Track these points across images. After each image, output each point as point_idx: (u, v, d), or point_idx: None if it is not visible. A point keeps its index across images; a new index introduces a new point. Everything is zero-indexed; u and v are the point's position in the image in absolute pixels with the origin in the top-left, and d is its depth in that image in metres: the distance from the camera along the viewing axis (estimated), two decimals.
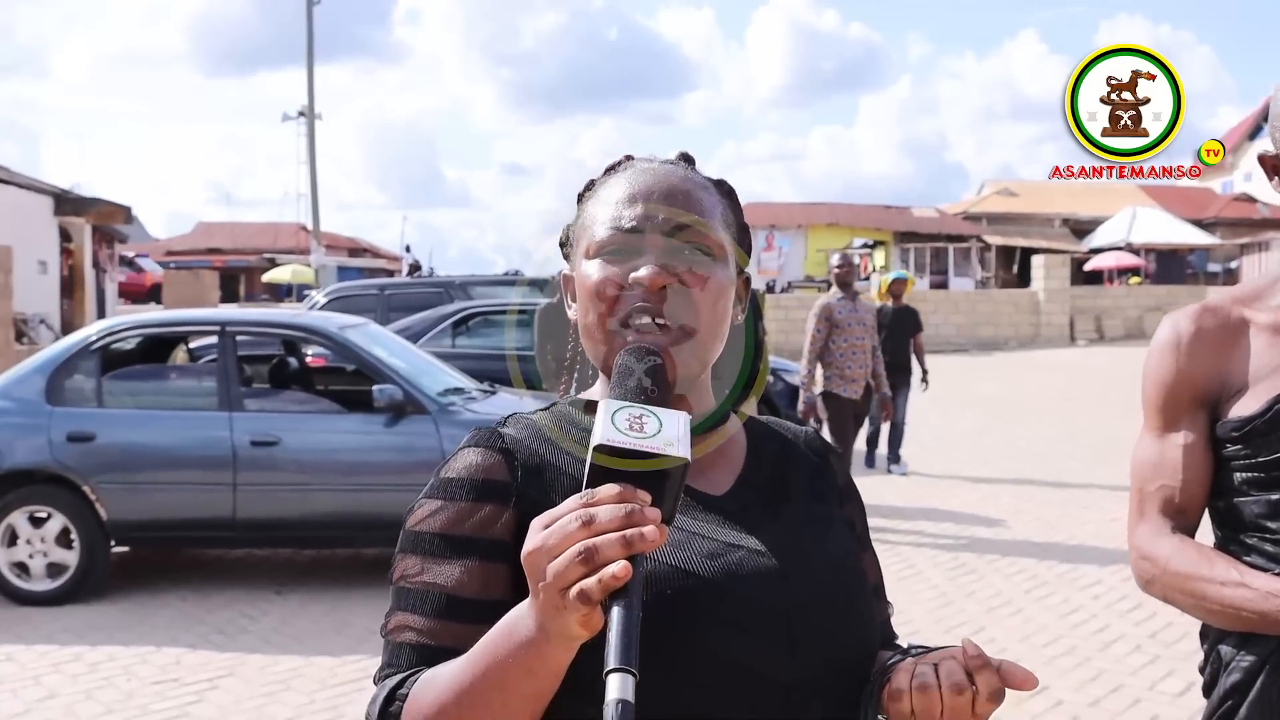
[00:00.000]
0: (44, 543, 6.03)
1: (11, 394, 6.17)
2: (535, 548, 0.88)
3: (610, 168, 1.24)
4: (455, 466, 1.13)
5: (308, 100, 29.04)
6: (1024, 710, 4.43)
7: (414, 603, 1.08)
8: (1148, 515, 1.68)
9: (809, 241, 36.18)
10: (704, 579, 1.06)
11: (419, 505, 1.13)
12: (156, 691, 4.74)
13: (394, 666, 1.07)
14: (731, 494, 1.17)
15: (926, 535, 7.43)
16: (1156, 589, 1.66)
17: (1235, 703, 1.60)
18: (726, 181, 1.25)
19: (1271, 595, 1.49)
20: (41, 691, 4.75)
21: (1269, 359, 1.60)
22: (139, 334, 6.87)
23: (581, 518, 0.86)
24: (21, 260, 17.00)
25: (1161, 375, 1.69)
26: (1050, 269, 25.40)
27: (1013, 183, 39.83)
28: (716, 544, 1.10)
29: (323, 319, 7.23)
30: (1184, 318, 1.70)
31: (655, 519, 0.86)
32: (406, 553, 1.11)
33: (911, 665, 1.02)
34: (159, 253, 41.74)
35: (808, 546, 1.15)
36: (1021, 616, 5.65)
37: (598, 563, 0.84)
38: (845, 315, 7.59)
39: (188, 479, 6.07)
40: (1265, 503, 1.58)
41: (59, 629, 5.58)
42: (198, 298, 20.28)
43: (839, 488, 1.28)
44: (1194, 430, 1.65)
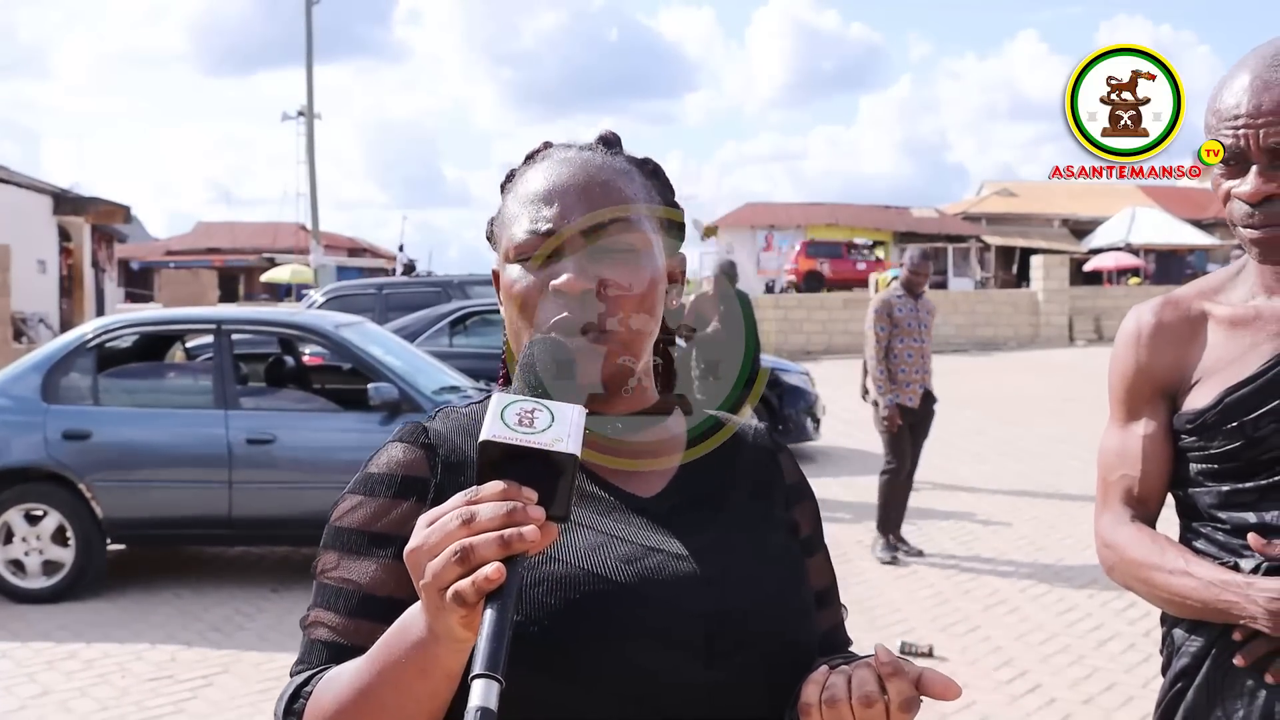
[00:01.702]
0: (40, 540, 6.03)
1: (8, 392, 6.18)
2: (416, 546, 0.86)
3: (529, 155, 1.19)
4: (379, 461, 1.12)
5: (307, 100, 29.03)
6: (1019, 707, 4.43)
7: (330, 599, 1.07)
8: (1110, 504, 1.72)
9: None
10: (617, 584, 1.03)
11: (342, 499, 1.11)
12: (151, 688, 4.75)
13: (306, 663, 1.06)
14: (663, 495, 1.13)
15: (924, 534, 7.43)
16: (1117, 576, 1.71)
17: (1184, 685, 1.65)
18: (651, 160, 1.21)
19: (1212, 585, 1.54)
20: (36, 688, 4.76)
21: (1224, 352, 1.63)
22: (135, 332, 6.88)
23: (462, 516, 0.84)
24: (20, 260, 17.02)
25: (1123, 367, 1.73)
26: (1049, 269, 25.38)
27: (1012, 183, 39.83)
28: (635, 548, 1.06)
29: (319, 317, 7.24)
30: (1146, 310, 1.73)
31: (538, 518, 0.84)
32: (328, 547, 1.10)
33: (823, 676, 0.97)
34: (158, 252, 41.77)
35: (740, 550, 1.10)
36: (1018, 615, 5.65)
37: (473, 563, 0.82)
38: (905, 314, 6.95)
39: (183, 477, 6.07)
40: (1216, 493, 1.62)
41: (55, 626, 5.59)
42: (197, 297, 20.32)
43: (786, 487, 1.22)
44: (1155, 421, 1.69)
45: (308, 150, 29.28)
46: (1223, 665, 1.59)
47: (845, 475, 9.75)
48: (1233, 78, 1.55)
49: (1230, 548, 1.59)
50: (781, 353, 18.93)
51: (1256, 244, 1.55)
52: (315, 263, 28.11)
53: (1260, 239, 1.54)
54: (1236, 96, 1.52)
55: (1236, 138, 1.52)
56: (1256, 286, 1.65)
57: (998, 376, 17.27)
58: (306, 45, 28.57)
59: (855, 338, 23.90)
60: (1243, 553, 1.57)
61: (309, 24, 28.41)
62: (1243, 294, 1.67)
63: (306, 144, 29.26)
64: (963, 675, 4.76)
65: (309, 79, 28.93)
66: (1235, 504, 1.60)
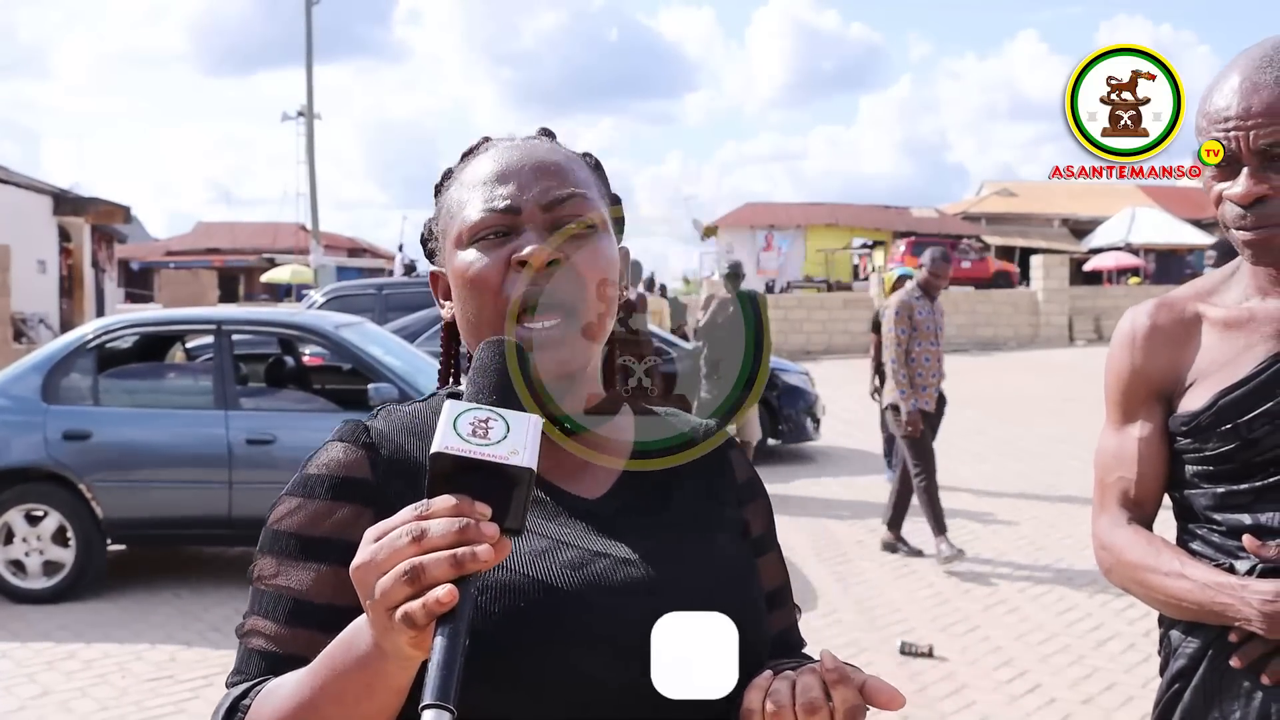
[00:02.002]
0: (40, 541, 6.03)
1: (8, 392, 6.18)
2: (364, 562, 0.82)
3: (467, 152, 1.16)
4: (318, 462, 1.07)
5: (307, 100, 29.03)
6: (1018, 707, 4.43)
7: (266, 606, 1.03)
8: (1107, 506, 1.73)
9: (808, 242, 36.18)
10: (563, 591, 0.99)
11: (280, 501, 1.07)
12: (151, 688, 4.75)
13: (243, 673, 1.02)
14: (608, 497, 1.10)
15: (924, 534, 7.43)
16: (1115, 578, 1.72)
17: (1181, 686, 1.65)
18: (591, 153, 1.18)
19: (1207, 587, 1.54)
20: (36, 689, 4.76)
21: (1218, 354, 1.64)
22: (135, 333, 6.88)
23: (412, 532, 0.80)
24: (20, 260, 17.02)
25: (1119, 370, 1.74)
26: (1049, 269, 25.39)
27: (1012, 183, 39.82)
28: (582, 552, 1.03)
29: (319, 318, 7.24)
30: (1141, 313, 1.74)
31: (492, 536, 0.80)
32: (264, 552, 1.05)
33: (767, 682, 0.94)
34: (158, 253, 41.74)
35: (688, 553, 1.07)
36: (1018, 615, 5.65)
37: (424, 583, 0.78)
38: (924, 317, 6.78)
39: (184, 477, 6.07)
40: (1212, 495, 1.63)
41: (55, 626, 5.59)
42: (197, 297, 20.32)
43: (737, 485, 1.19)
44: (1150, 423, 1.69)
45: (308, 150, 29.27)
46: (1219, 667, 1.59)
47: (845, 475, 9.76)
48: (1222, 80, 1.55)
49: (1226, 549, 1.60)
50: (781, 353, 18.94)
51: (1249, 245, 1.55)
52: (315, 263, 28.08)
53: (1252, 240, 1.54)
54: (1226, 98, 1.52)
55: (1227, 139, 1.52)
56: (1250, 288, 1.66)
57: (998, 376, 17.27)
58: (306, 45, 28.56)
59: (855, 338, 23.91)
60: (1238, 554, 1.57)
61: (309, 24, 28.41)
62: (1236, 295, 1.67)
63: (306, 144, 29.26)
64: (963, 675, 4.77)
65: (309, 79, 28.93)
66: (1231, 506, 1.61)
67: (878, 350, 8.94)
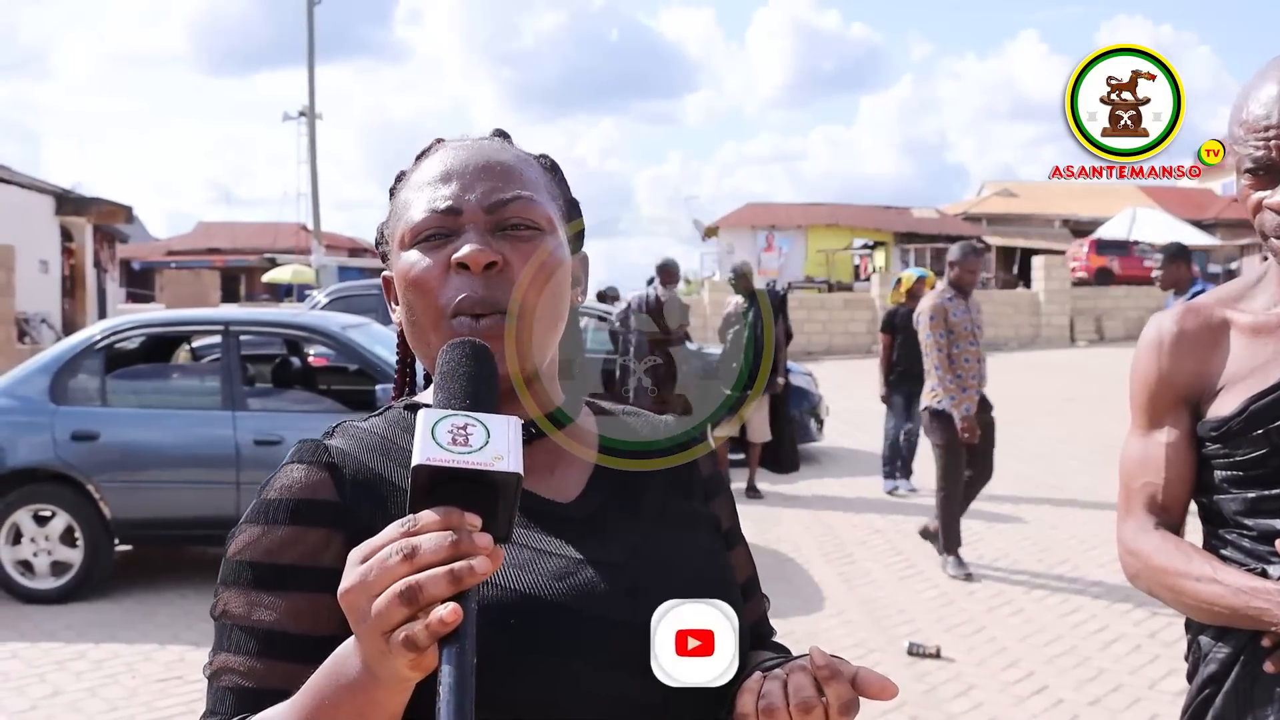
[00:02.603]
0: (48, 541, 6.05)
1: (16, 393, 6.20)
2: (353, 585, 0.79)
3: (420, 154, 1.14)
4: (276, 486, 1.01)
5: (309, 100, 29.05)
6: (1025, 708, 4.45)
7: (235, 642, 0.98)
8: (1134, 511, 1.72)
9: (809, 242, 36.18)
10: (553, 604, 0.97)
11: (239, 531, 1.01)
12: (160, 689, 4.77)
13: (218, 714, 0.97)
14: (581, 500, 1.07)
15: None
16: (1141, 583, 1.71)
17: (1212, 692, 1.64)
18: (548, 155, 1.16)
19: (1241, 592, 1.53)
20: (47, 688, 4.77)
21: (1247, 360, 1.64)
22: (143, 333, 6.88)
23: (403, 550, 0.77)
24: (23, 260, 17.02)
25: (1145, 375, 1.74)
26: (1050, 270, 25.41)
27: (1013, 183, 39.85)
28: (565, 561, 1.00)
29: (325, 319, 7.25)
30: (1167, 319, 1.74)
31: (486, 546, 0.78)
32: (227, 585, 1.00)
33: (758, 683, 0.92)
34: (159, 253, 41.74)
35: (667, 553, 1.06)
36: (1022, 616, 5.67)
37: (422, 602, 0.75)
38: (960, 318, 6.47)
39: (191, 478, 6.09)
40: (1243, 500, 1.62)
41: (62, 626, 5.60)
42: (199, 297, 20.32)
43: (704, 480, 1.18)
44: (1177, 429, 1.69)
45: (309, 150, 29.29)
46: (1251, 672, 1.58)
47: (847, 476, 9.77)
48: (1257, 88, 1.54)
49: (1257, 554, 1.59)
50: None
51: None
52: (317, 263, 28.11)
53: None
54: (1266, 107, 1.52)
55: (1268, 148, 1.51)
56: (1278, 294, 1.66)
57: (999, 377, 17.24)
58: (308, 46, 28.57)
59: (856, 339, 23.94)
60: (1270, 559, 1.57)
61: (310, 24, 28.42)
62: (1264, 302, 1.68)
63: (308, 144, 29.27)
64: (970, 676, 4.79)
65: (310, 79, 28.95)
66: (1262, 510, 1.60)
67: (887, 352, 8.88)
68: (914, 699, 4.50)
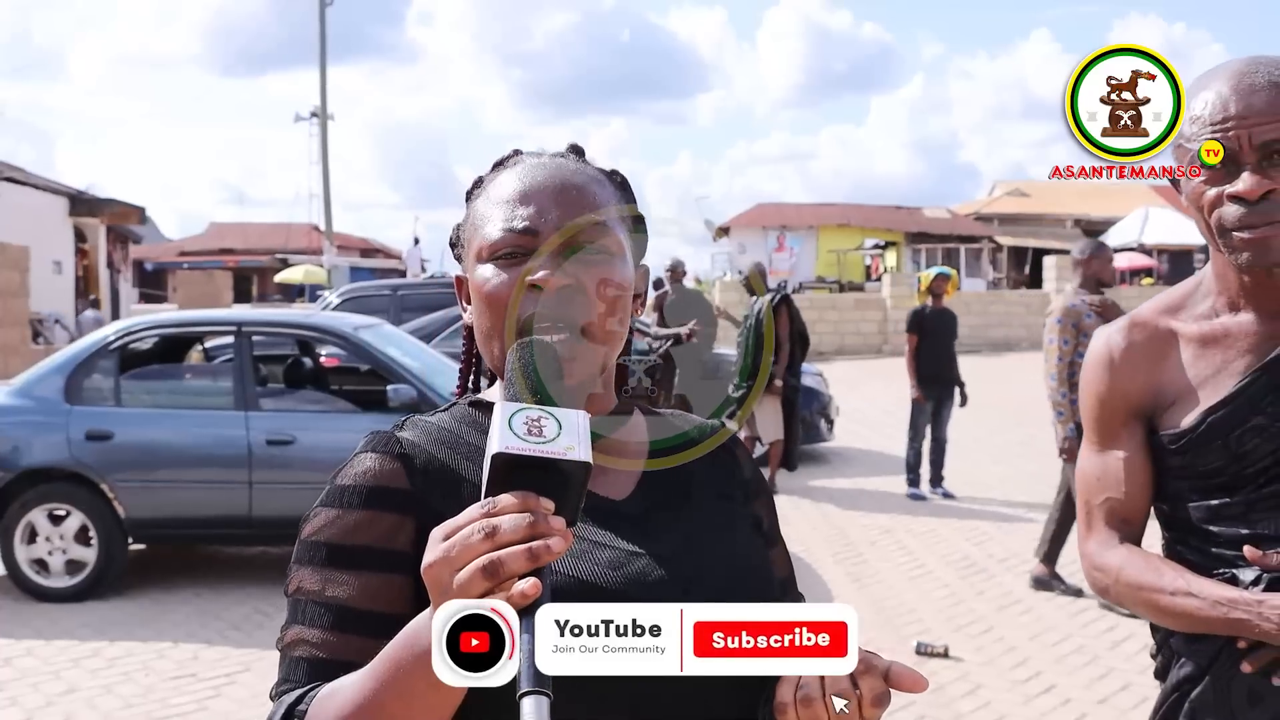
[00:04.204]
0: (63, 540, 6.10)
1: (31, 393, 6.25)
2: (437, 559, 0.85)
3: (498, 163, 1.20)
4: (350, 473, 1.09)
5: (320, 101, 29.12)
6: (1034, 707, 4.46)
7: (310, 615, 1.05)
8: (1095, 527, 1.74)
9: (820, 242, 36.16)
10: (607, 590, 1.02)
11: (314, 514, 1.09)
12: (175, 686, 4.81)
13: (291, 681, 1.03)
14: (633, 498, 1.13)
15: (938, 535, 7.46)
16: (1112, 596, 1.72)
17: (1184, 692, 1.66)
18: (619, 172, 1.22)
19: (1219, 604, 1.54)
20: (62, 686, 4.82)
21: (1198, 370, 1.66)
22: (156, 334, 6.94)
23: (484, 529, 0.84)
24: (36, 261, 17.12)
25: (1097, 390, 1.75)
26: (1062, 270, 25.32)
27: (1024, 183, 39.74)
28: (618, 553, 1.06)
29: (338, 319, 7.29)
30: (1115, 332, 1.76)
31: (560, 528, 0.84)
32: (301, 564, 1.07)
33: (796, 675, 0.96)
34: (171, 253, 41.89)
35: (711, 549, 1.11)
36: (1032, 615, 5.68)
37: (502, 576, 0.82)
38: (1092, 323, 5.73)
39: (204, 477, 6.13)
40: (1206, 508, 1.64)
41: (77, 625, 5.66)
42: (211, 298, 20.41)
43: (745, 481, 1.24)
44: (1132, 441, 1.71)
45: (321, 151, 29.36)
46: (1228, 672, 1.60)
47: (858, 476, 9.78)
48: (1206, 86, 1.57)
49: (1224, 559, 1.61)
50: None
51: (1249, 246, 1.55)
52: (329, 263, 28.17)
53: (1254, 240, 1.54)
54: (1222, 99, 1.54)
55: (1227, 139, 1.53)
56: (1220, 302, 1.68)
57: (1010, 377, 17.23)
58: (320, 47, 28.65)
59: (867, 339, 23.92)
60: (1237, 564, 1.59)
61: (323, 26, 28.49)
62: (1205, 310, 1.69)
63: (320, 145, 29.34)
64: (978, 675, 4.80)
65: (322, 80, 29.02)
66: (1226, 517, 1.62)
67: (913, 352, 8.80)
68: (922, 698, 4.51)
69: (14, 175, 21.19)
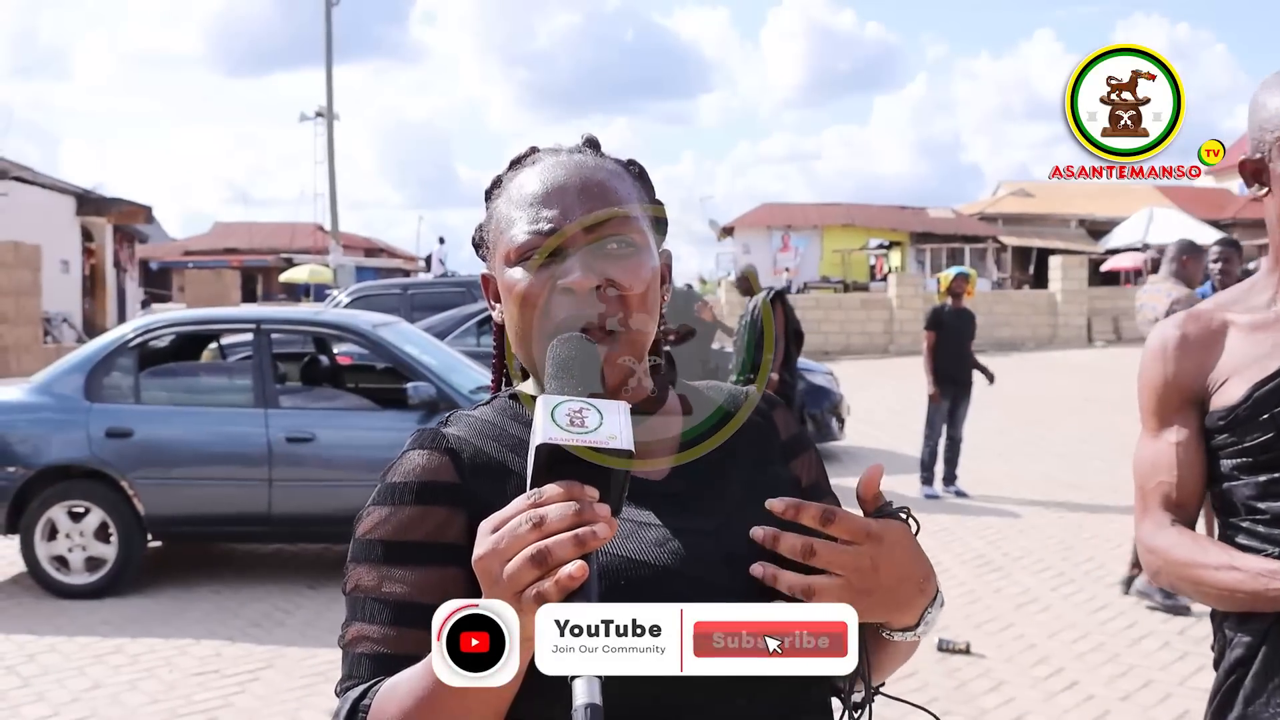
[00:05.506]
0: (83, 537, 6.12)
1: (51, 390, 6.28)
2: (486, 551, 0.88)
3: (515, 161, 1.20)
4: (400, 470, 1.11)
5: (326, 101, 29.14)
6: (1056, 704, 4.47)
7: (369, 612, 1.07)
8: (1150, 511, 1.78)
9: (825, 242, 36.16)
10: (656, 567, 1.05)
11: (367, 513, 1.11)
12: (198, 683, 4.83)
13: (355, 678, 1.06)
14: (672, 477, 1.15)
15: (952, 534, 7.47)
16: (1163, 579, 1.76)
17: (1240, 675, 1.69)
18: (636, 161, 1.22)
19: (1260, 575, 1.58)
20: (86, 681, 4.84)
21: (1248, 351, 1.69)
22: (175, 332, 6.96)
23: (531, 519, 0.86)
24: (45, 260, 17.15)
25: (1152, 380, 1.80)
26: (1067, 270, 25.35)
27: (1028, 183, 39.70)
28: (662, 531, 1.08)
29: (356, 317, 7.30)
30: (1170, 325, 1.80)
31: (605, 515, 0.86)
32: (358, 562, 1.09)
33: None
34: (177, 253, 41.95)
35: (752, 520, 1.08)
36: (1051, 613, 5.69)
37: (551, 564, 0.84)
38: None
39: (224, 475, 6.15)
40: (1253, 485, 1.67)
41: (98, 621, 5.67)
42: (219, 297, 20.44)
43: (782, 445, 1.24)
44: (1186, 428, 1.74)
45: (327, 151, 29.38)
46: (1278, 651, 1.62)
47: None
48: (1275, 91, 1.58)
49: (1273, 538, 1.63)
50: None
51: None
52: (334, 263, 28.20)
53: None
54: None
55: None
56: (1277, 293, 1.72)
57: (1017, 377, 17.25)
58: (326, 46, 28.65)
59: (873, 338, 23.92)
60: None
61: (328, 25, 28.50)
62: (1262, 301, 1.74)
63: (326, 144, 29.37)
64: (1000, 672, 4.81)
65: (328, 80, 29.03)
66: (1273, 494, 1.65)
67: (931, 350, 8.81)
68: (945, 694, 4.53)
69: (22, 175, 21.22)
